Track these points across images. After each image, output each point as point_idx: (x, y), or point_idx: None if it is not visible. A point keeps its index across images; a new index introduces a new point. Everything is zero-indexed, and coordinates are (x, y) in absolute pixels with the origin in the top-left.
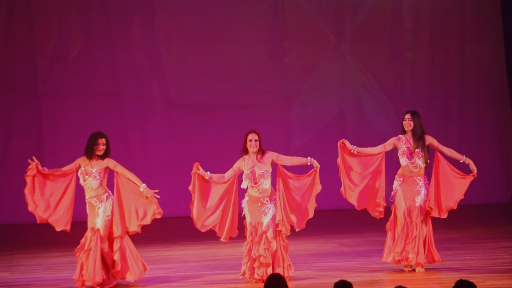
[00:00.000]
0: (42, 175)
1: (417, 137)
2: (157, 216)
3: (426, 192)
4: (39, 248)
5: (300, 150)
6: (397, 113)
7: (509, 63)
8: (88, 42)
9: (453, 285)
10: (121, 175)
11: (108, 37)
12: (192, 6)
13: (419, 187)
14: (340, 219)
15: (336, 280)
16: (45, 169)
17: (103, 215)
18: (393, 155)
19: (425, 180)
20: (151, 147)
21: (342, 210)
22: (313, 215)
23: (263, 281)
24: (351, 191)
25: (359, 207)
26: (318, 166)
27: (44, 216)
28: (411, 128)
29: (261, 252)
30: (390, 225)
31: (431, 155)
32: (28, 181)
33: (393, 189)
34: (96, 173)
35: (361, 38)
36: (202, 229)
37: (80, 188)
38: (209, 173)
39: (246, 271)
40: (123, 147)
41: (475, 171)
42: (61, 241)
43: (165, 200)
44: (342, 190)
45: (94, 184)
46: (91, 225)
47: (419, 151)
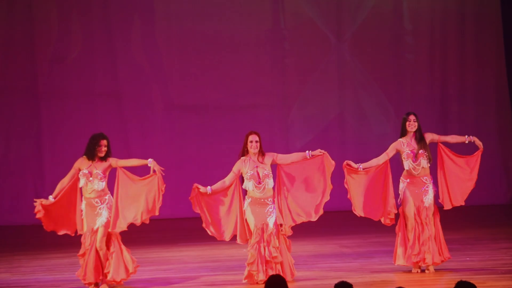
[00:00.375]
0: (50, 207)
1: (419, 138)
2: (162, 190)
3: (434, 189)
4: (39, 249)
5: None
6: (397, 115)
7: (509, 65)
8: (88, 43)
9: (453, 286)
10: (123, 172)
11: (108, 39)
12: (192, 7)
13: (426, 187)
14: (340, 220)
15: (336, 281)
16: (52, 198)
17: (104, 215)
18: (394, 157)
19: (431, 179)
20: (151, 148)
21: (342, 211)
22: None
23: None
24: (362, 209)
25: (375, 218)
26: (322, 152)
27: (59, 231)
28: (415, 129)
29: (273, 253)
30: (399, 227)
31: (433, 153)
32: (41, 219)
33: (400, 191)
34: (101, 174)
35: (361, 39)
36: (225, 239)
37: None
38: (210, 187)
39: (252, 272)
40: (123, 148)
41: (481, 145)
42: (61, 242)
43: (166, 201)
44: (353, 209)
45: (100, 185)
46: (90, 226)
47: (423, 152)
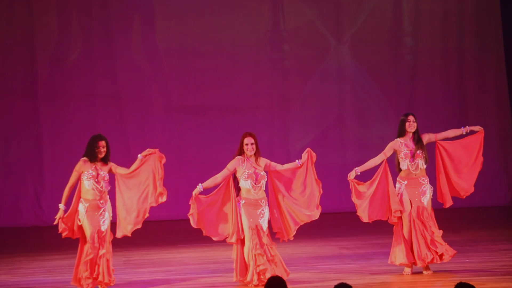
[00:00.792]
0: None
1: (417, 139)
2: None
3: (432, 190)
4: (39, 251)
5: (300, 153)
6: (397, 116)
7: (509, 66)
8: (88, 45)
9: None
10: (121, 176)
11: (108, 40)
12: (192, 9)
13: (424, 187)
14: (340, 221)
15: (336, 282)
16: (62, 206)
17: (107, 217)
18: (390, 157)
19: (428, 180)
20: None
21: (342, 212)
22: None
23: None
24: (368, 217)
25: (383, 218)
26: (312, 157)
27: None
28: (414, 129)
29: (272, 252)
30: (396, 228)
31: (430, 153)
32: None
33: (398, 192)
34: (107, 175)
35: (361, 41)
36: (217, 239)
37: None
38: (201, 185)
39: (254, 274)
40: (123, 149)
41: (478, 127)
42: (61, 244)
43: (165, 202)
44: (360, 217)
45: (107, 187)
46: (95, 228)
47: (420, 153)
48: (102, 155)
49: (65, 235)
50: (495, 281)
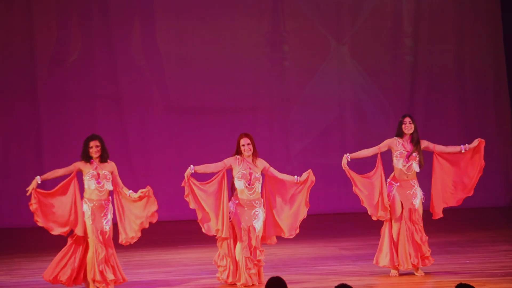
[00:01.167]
0: (45, 199)
1: (415, 141)
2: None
3: (422, 193)
4: (39, 251)
5: (300, 153)
6: (396, 117)
7: (509, 66)
8: (87, 45)
9: None
10: (118, 194)
11: (108, 41)
12: (191, 9)
13: (415, 190)
14: (339, 222)
15: (336, 283)
16: (39, 179)
17: (109, 217)
18: (387, 156)
19: (418, 184)
20: (151, 150)
21: (341, 213)
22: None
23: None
24: (373, 207)
25: (374, 214)
26: (311, 180)
27: (64, 230)
28: (411, 131)
29: (259, 256)
30: (384, 229)
31: (427, 161)
32: (35, 211)
33: (390, 194)
34: (109, 174)
35: (361, 41)
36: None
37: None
38: (192, 166)
39: (244, 275)
40: (123, 150)
41: (476, 141)
42: (61, 244)
43: (165, 203)
44: (372, 214)
45: (110, 186)
46: (99, 228)
47: (416, 156)
48: (96, 155)
49: (33, 209)
50: (495, 282)
